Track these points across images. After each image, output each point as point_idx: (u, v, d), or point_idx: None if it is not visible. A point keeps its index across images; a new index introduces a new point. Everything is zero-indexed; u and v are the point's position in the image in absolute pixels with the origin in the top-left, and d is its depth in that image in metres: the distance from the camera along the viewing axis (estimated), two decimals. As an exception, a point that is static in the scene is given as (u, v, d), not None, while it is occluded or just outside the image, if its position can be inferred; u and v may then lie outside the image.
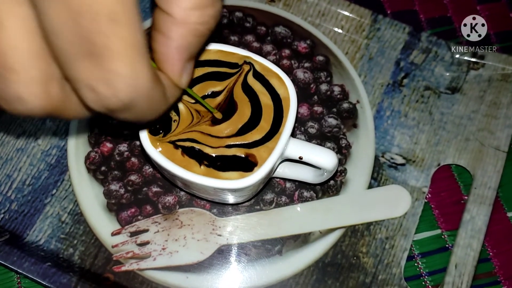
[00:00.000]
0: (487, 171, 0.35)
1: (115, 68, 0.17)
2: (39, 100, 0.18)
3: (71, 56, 0.17)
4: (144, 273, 0.32)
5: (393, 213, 0.34)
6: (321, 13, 0.39)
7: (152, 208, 0.33)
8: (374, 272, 0.33)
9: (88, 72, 0.17)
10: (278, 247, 0.33)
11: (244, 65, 0.28)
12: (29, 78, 0.17)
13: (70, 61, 0.17)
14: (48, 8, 0.16)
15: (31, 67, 0.17)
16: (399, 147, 0.36)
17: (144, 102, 0.19)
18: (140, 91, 0.18)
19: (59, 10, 0.16)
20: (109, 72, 0.17)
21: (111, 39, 0.16)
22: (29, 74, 0.17)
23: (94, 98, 0.18)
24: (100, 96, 0.17)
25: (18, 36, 0.17)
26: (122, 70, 0.17)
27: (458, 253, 0.33)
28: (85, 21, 0.16)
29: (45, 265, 0.31)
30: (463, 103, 0.37)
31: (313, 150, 0.28)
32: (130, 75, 0.17)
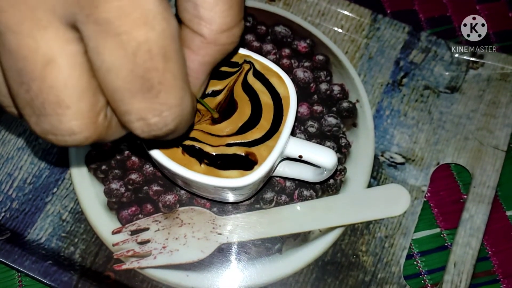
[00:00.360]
0: (486, 170, 0.35)
1: (166, 100, 0.18)
2: (88, 131, 0.18)
3: (125, 92, 0.17)
4: (144, 271, 0.32)
5: (393, 212, 0.34)
6: (321, 12, 0.39)
7: (152, 207, 0.34)
8: (374, 270, 0.33)
9: (140, 105, 0.18)
10: (278, 245, 0.33)
11: (244, 64, 0.28)
12: (80, 113, 0.18)
13: (123, 97, 0.18)
14: (102, 48, 0.17)
15: (82, 102, 0.18)
16: (399, 146, 0.36)
17: (185, 124, 0.20)
18: (185, 117, 0.19)
19: (115, 51, 0.17)
20: (160, 104, 0.18)
21: (164, 74, 0.18)
22: (80, 109, 0.18)
23: (144, 128, 0.19)
24: (150, 126, 0.18)
25: (69, 73, 0.17)
26: (172, 101, 0.18)
27: (457, 252, 0.33)
28: (141, 60, 0.17)
29: (46, 264, 0.31)
30: (462, 103, 0.37)
31: (313, 149, 0.28)
32: (178, 104, 0.19)
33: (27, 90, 0.17)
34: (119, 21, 0.16)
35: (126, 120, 0.18)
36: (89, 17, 0.16)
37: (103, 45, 0.17)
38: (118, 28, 0.16)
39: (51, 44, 0.17)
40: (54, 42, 0.17)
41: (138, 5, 0.16)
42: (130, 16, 0.16)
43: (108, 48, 0.17)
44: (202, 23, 0.21)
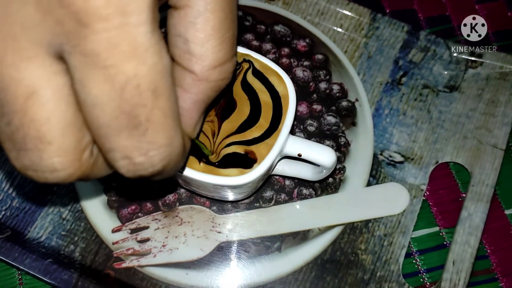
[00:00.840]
0: (485, 169, 0.35)
1: (154, 139, 0.17)
2: (71, 169, 0.17)
3: (111, 128, 0.16)
4: (144, 269, 0.32)
5: (392, 211, 0.34)
6: (320, 11, 0.39)
7: (152, 205, 0.34)
8: (373, 269, 0.33)
9: (126, 143, 0.17)
10: (277, 244, 0.33)
11: (244, 63, 0.28)
12: (63, 149, 0.17)
13: (109, 134, 0.17)
14: (89, 81, 0.16)
15: (66, 138, 0.17)
16: (398, 145, 0.36)
17: (173, 165, 0.19)
18: (174, 158, 0.18)
19: (102, 85, 0.16)
20: (148, 143, 0.17)
21: (153, 112, 0.16)
22: (63, 145, 0.17)
23: (129, 167, 0.17)
24: (136, 166, 0.17)
25: (52, 107, 0.16)
26: (160, 141, 0.17)
27: (456, 250, 0.33)
28: (129, 96, 0.16)
29: (46, 262, 0.32)
30: (461, 102, 0.37)
31: (312, 147, 0.28)
32: (167, 144, 0.17)
33: (8, 123, 0.16)
34: (106, 53, 0.15)
35: (110, 158, 0.17)
36: (76, 47, 0.15)
37: (90, 77, 0.16)
38: (106, 60, 0.15)
39: (36, 75, 0.16)
40: (38, 73, 0.16)
41: (128, 37, 0.15)
42: (119, 48, 0.15)
43: (94, 81, 0.16)
44: (193, 59, 0.20)
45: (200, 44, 0.19)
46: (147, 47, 0.16)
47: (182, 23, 0.19)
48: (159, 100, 0.17)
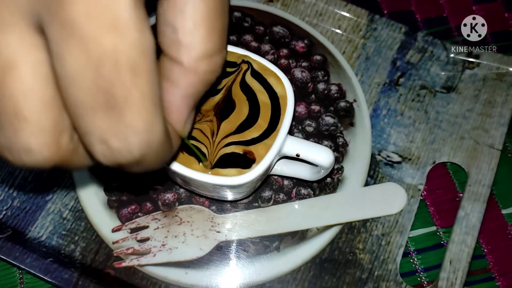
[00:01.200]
0: (482, 169, 0.35)
1: (132, 122, 0.16)
2: (48, 152, 0.17)
3: (86, 107, 0.16)
4: (144, 269, 0.32)
5: (389, 210, 0.35)
6: (319, 13, 0.40)
7: (152, 205, 0.34)
8: (370, 268, 0.33)
9: (102, 125, 0.16)
10: (276, 243, 0.33)
11: (242, 64, 0.29)
12: (40, 128, 0.16)
13: (84, 112, 0.16)
14: (65, 53, 0.15)
15: (43, 116, 0.16)
16: (395, 145, 0.36)
17: (154, 156, 0.18)
18: (153, 146, 0.17)
19: (78, 57, 0.15)
20: (125, 126, 0.16)
21: (131, 91, 0.16)
22: (40, 124, 0.16)
23: (105, 152, 0.17)
24: (113, 151, 0.17)
25: (31, 82, 0.16)
26: (138, 125, 0.16)
27: (453, 249, 0.33)
28: (106, 71, 0.15)
29: (47, 261, 0.32)
30: (458, 102, 0.38)
31: (310, 148, 0.28)
32: (146, 129, 0.17)
33: None
34: (84, 23, 0.14)
35: (87, 142, 0.17)
36: (54, 16, 0.15)
37: (66, 49, 0.15)
38: (83, 31, 0.14)
39: (15, 47, 0.15)
40: (17, 45, 0.15)
41: (109, 9, 0.15)
42: (99, 20, 0.14)
43: (70, 53, 0.15)
44: (181, 48, 0.19)
45: (189, 32, 0.19)
46: (128, 22, 0.15)
47: (171, 11, 0.19)
48: (138, 80, 0.16)
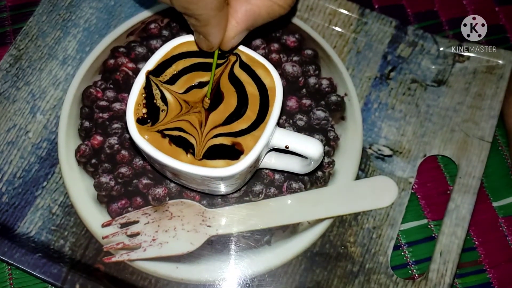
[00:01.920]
0: (472, 161, 0.35)
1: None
2: None
3: None
4: (134, 263, 0.32)
5: (380, 203, 0.35)
6: (309, 7, 0.40)
7: (142, 200, 0.34)
8: (362, 261, 0.33)
9: None
10: (267, 237, 0.33)
11: (231, 56, 0.29)
12: None
13: None
14: None
15: None
16: (386, 138, 0.36)
17: None
18: None
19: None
20: None
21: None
22: None
23: None
24: None
25: None
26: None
27: (443, 241, 0.33)
28: None
29: (36, 256, 0.32)
30: (449, 95, 0.38)
31: (299, 139, 0.28)
32: None
33: None
34: None
35: None
36: None
37: None
38: None
39: None
40: None
41: None
42: None
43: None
44: None
45: None
46: None
47: None
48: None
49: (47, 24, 0.38)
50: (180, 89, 0.28)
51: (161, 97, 0.27)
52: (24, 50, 0.37)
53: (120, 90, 0.37)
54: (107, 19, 0.39)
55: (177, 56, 0.28)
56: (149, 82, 0.28)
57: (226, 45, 0.26)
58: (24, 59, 0.37)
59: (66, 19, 0.39)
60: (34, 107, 0.36)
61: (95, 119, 0.36)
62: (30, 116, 0.36)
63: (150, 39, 0.38)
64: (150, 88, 0.27)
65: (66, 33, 0.38)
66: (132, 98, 0.27)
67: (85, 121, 0.36)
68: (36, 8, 0.39)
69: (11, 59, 0.37)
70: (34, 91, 0.36)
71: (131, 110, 0.27)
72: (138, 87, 0.27)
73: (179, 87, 0.28)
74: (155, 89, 0.28)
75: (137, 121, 0.27)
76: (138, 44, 0.38)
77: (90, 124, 0.35)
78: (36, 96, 0.36)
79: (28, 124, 0.35)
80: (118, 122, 0.35)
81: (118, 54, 0.38)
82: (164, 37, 0.38)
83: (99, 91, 0.36)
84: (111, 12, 0.39)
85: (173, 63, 0.28)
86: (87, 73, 0.37)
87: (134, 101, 0.27)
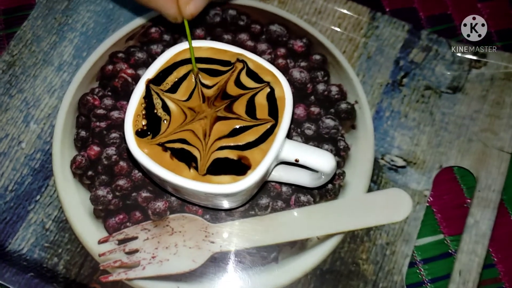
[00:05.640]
0: (491, 173, 0.34)
1: None
2: None
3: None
4: (132, 283, 0.31)
5: (394, 218, 0.33)
6: (318, 10, 0.38)
7: (141, 214, 0.32)
8: (375, 279, 0.32)
9: None
10: (274, 254, 0.32)
11: (237, 63, 0.27)
12: None
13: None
14: None
15: None
16: (399, 148, 0.35)
17: None
18: None
19: None
20: None
21: None
22: None
23: None
24: None
25: None
26: None
27: (462, 259, 0.32)
28: None
29: (28, 276, 0.30)
30: (465, 103, 0.36)
31: (310, 152, 0.27)
32: None
33: None
34: None
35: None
36: None
37: None
38: None
39: None
40: None
41: None
42: None
43: None
44: None
45: None
46: None
47: None
48: None
49: (42, 29, 0.37)
50: (182, 96, 0.26)
51: (162, 106, 0.26)
52: (18, 55, 0.36)
53: (119, 98, 0.35)
54: (106, 23, 0.38)
55: (179, 63, 0.27)
56: (149, 91, 0.26)
57: (185, 12, 0.26)
58: (17, 65, 0.36)
59: (62, 23, 0.37)
60: (27, 115, 0.35)
61: (92, 128, 0.34)
62: (23, 126, 0.34)
63: (151, 44, 0.37)
64: (150, 97, 0.26)
65: (62, 38, 0.37)
66: (131, 109, 0.25)
67: (81, 130, 0.34)
68: (31, 12, 0.37)
69: (3, 65, 0.36)
70: (28, 99, 0.35)
71: (130, 122, 0.25)
72: (137, 97, 0.26)
73: (182, 94, 0.26)
74: (156, 99, 0.26)
75: (136, 133, 0.25)
76: (137, 49, 0.37)
77: (86, 134, 0.34)
78: (30, 104, 0.35)
79: (21, 134, 0.34)
80: (116, 132, 0.34)
81: (117, 60, 0.36)
82: (165, 42, 0.37)
83: (96, 98, 0.35)
84: (110, 16, 0.38)
85: (174, 70, 0.27)
86: (83, 79, 0.36)
87: (133, 112, 0.25)
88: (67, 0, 0.38)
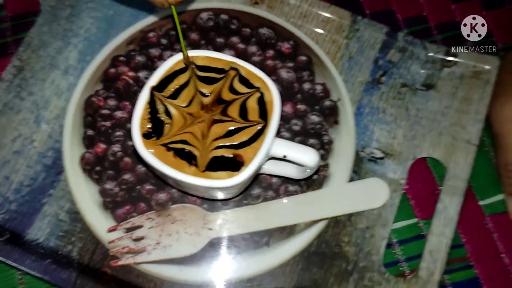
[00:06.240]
0: (459, 164, 0.37)
1: None
2: None
3: None
4: (139, 266, 0.34)
5: (373, 204, 0.36)
6: (303, 14, 0.41)
7: (145, 205, 0.35)
8: (356, 260, 0.35)
9: None
10: (265, 238, 0.35)
11: (230, 70, 0.30)
12: None
13: None
14: None
15: None
16: (378, 142, 0.38)
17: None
18: None
19: None
20: None
21: None
22: None
23: None
24: None
25: None
26: None
27: (432, 241, 0.35)
28: None
29: (46, 262, 0.33)
30: (437, 99, 0.39)
31: (296, 149, 0.30)
32: None
33: None
34: None
35: None
36: None
37: None
38: None
39: None
40: None
41: None
42: None
43: None
44: None
45: None
46: None
47: None
48: None
49: (48, 34, 0.39)
50: (182, 102, 0.29)
51: (165, 111, 0.29)
52: (27, 60, 0.38)
53: (121, 99, 0.38)
54: (107, 28, 0.40)
55: (178, 71, 0.30)
56: (153, 97, 0.29)
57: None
58: (26, 69, 0.38)
59: (67, 29, 0.39)
60: (38, 116, 0.37)
61: (98, 128, 0.37)
62: (35, 126, 0.37)
63: (149, 48, 0.39)
64: (154, 103, 0.29)
65: (67, 43, 0.39)
66: (137, 114, 0.28)
67: (88, 129, 0.37)
68: (37, 18, 0.39)
69: (14, 70, 0.38)
70: (37, 101, 0.37)
71: (137, 125, 0.28)
72: (142, 102, 0.28)
73: (182, 100, 0.29)
74: (159, 104, 0.29)
75: (143, 135, 0.28)
76: (137, 53, 0.39)
77: (93, 133, 0.37)
78: (40, 106, 0.37)
79: (33, 133, 0.36)
80: (120, 130, 0.37)
81: (119, 63, 0.38)
82: (163, 45, 0.39)
83: (101, 99, 0.37)
84: (111, 22, 0.40)
85: (175, 77, 0.30)
86: (88, 82, 0.38)
87: (140, 116, 0.28)
88: (70, 7, 0.40)
